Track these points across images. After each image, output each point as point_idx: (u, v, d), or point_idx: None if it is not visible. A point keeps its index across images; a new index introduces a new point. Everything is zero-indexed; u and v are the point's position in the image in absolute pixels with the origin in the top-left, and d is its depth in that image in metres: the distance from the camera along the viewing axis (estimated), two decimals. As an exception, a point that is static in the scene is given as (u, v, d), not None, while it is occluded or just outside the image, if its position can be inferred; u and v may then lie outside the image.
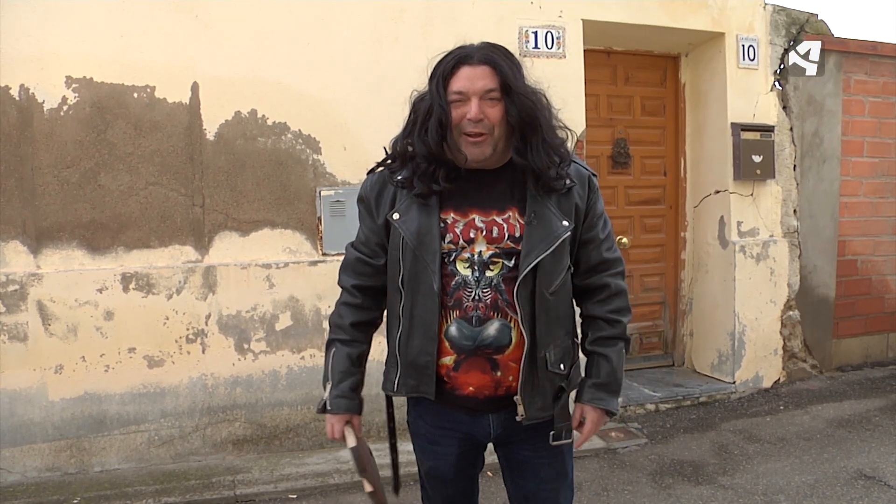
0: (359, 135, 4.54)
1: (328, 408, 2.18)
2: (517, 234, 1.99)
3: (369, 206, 2.12)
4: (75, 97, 4.09)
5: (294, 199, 4.46)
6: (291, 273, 4.43)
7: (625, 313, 2.16)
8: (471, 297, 1.99)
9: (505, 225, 1.99)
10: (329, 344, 2.23)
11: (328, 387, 2.19)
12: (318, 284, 4.47)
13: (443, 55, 2.04)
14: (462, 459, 2.27)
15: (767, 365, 5.76)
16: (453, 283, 2.00)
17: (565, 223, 2.00)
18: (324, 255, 4.51)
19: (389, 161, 2.10)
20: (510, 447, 2.23)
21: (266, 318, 4.40)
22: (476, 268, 1.98)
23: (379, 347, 2.24)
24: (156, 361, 4.24)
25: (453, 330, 2.01)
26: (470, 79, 1.95)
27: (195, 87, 4.26)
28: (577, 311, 2.25)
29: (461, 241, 1.99)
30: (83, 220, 4.13)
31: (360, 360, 2.22)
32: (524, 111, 1.99)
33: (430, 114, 1.97)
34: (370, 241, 2.14)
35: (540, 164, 1.97)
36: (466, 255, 1.98)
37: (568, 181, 2.03)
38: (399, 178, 2.05)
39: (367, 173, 2.16)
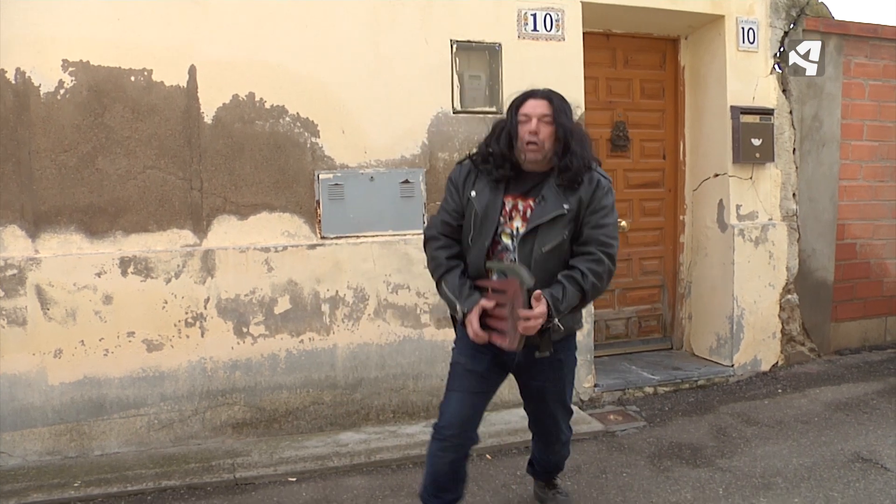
0: (357, 118, 4.53)
1: (465, 312, 2.82)
2: None
3: (458, 186, 2.98)
4: (72, 81, 4.07)
5: (292, 182, 4.45)
6: (290, 257, 4.43)
7: (595, 272, 2.78)
8: (508, 259, 2.88)
9: (530, 209, 2.86)
10: (438, 283, 2.97)
11: (458, 304, 2.85)
12: (316, 268, 4.47)
13: (518, 93, 2.98)
14: (490, 367, 3.00)
15: (766, 348, 5.77)
16: (499, 247, 2.88)
17: (565, 206, 2.80)
18: (322, 238, 4.51)
19: (475, 157, 2.99)
20: (526, 376, 3.10)
21: (265, 302, 4.40)
22: (514, 239, 2.86)
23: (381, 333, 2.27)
24: (155, 345, 4.24)
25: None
26: (533, 106, 2.87)
27: (192, 71, 4.25)
28: None
29: (507, 218, 2.88)
30: (81, 204, 4.12)
31: (465, 273, 2.93)
32: (566, 132, 2.85)
33: (504, 128, 2.92)
34: (451, 205, 2.98)
35: (569, 164, 2.82)
36: (508, 230, 2.87)
37: (580, 181, 2.82)
38: (481, 167, 2.95)
39: (457, 164, 3.07)
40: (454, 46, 4.69)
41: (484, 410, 3.04)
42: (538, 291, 2.69)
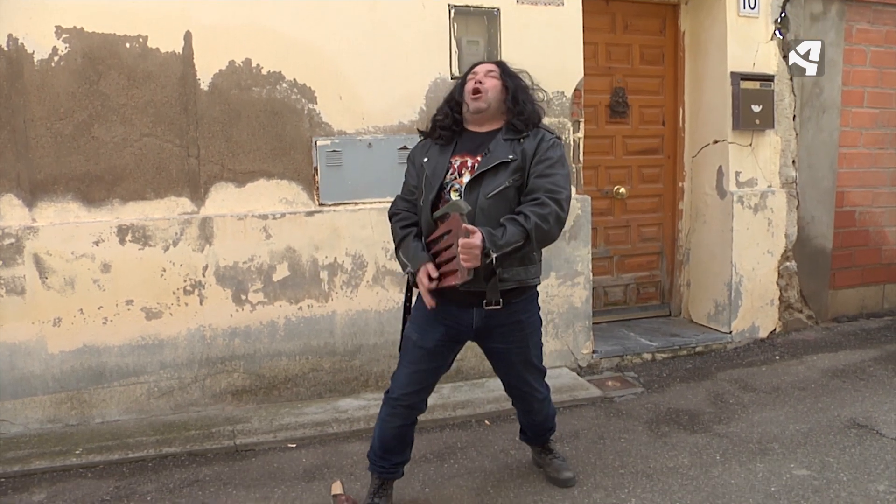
0: (355, 84, 4.50)
1: (414, 271, 2.95)
2: None
3: (414, 161, 3.17)
4: (66, 47, 4.02)
5: (290, 149, 4.43)
6: (288, 224, 4.42)
7: (538, 214, 2.79)
8: None
9: (477, 164, 2.97)
10: (396, 251, 3.12)
11: (409, 265, 2.98)
12: (314, 235, 4.46)
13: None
14: (440, 343, 3.06)
15: (764, 315, 5.78)
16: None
17: (510, 156, 2.92)
18: (320, 205, 4.49)
19: (430, 129, 3.17)
20: (488, 340, 3.13)
21: (263, 269, 4.40)
22: (462, 194, 2.92)
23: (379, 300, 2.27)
24: (154, 313, 4.25)
25: None
26: (481, 66, 3.13)
27: (188, 37, 4.20)
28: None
29: (456, 174, 2.99)
30: (78, 172, 4.10)
31: (418, 237, 3.05)
32: (516, 86, 3.08)
33: (452, 91, 3.17)
34: (409, 183, 3.17)
35: (522, 110, 3.02)
36: (458, 185, 2.96)
37: (525, 134, 2.98)
38: (436, 133, 3.12)
39: (419, 142, 3.24)
40: (452, 11, 4.64)
41: (434, 382, 3.16)
42: (474, 227, 2.72)
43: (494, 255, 2.71)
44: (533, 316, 3.18)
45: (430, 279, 2.87)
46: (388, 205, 3.26)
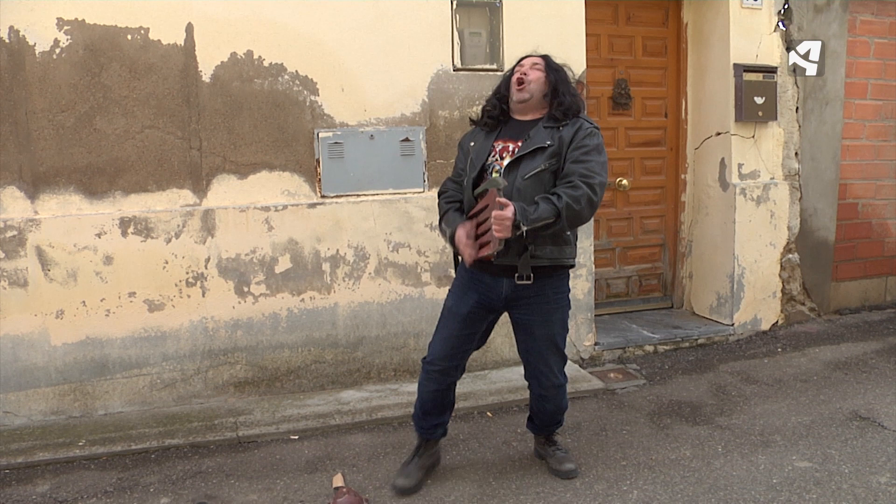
0: (357, 76, 4.49)
1: (452, 231, 3.19)
2: None
3: (463, 146, 3.41)
4: (67, 39, 4.02)
5: (292, 141, 4.42)
6: (290, 216, 4.42)
7: (571, 196, 2.96)
8: None
9: (518, 148, 3.18)
10: (440, 224, 3.37)
11: (449, 229, 3.23)
12: (317, 227, 4.46)
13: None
14: (473, 309, 3.28)
15: (766, 307, 5.78)
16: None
17: (547, 142, 3.11)
18: (322, 197, 4.49)
19: (479, 117, 3.41)
20: (514, 310, 3.29)
21: (265, 261, 4.40)
22: (500, 175, 3.13)
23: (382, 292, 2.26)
24: (156, 305, 4.25)
25: None
26: (528, 59, 3.32)
27: (190, 28, 4.19)
28: None
29: (497, 157, 3.22)
30: (80, 164, 4.10)
31: (460, 210, 3.31)
32: (556, 78, 3.24)
33: (502, 81, 3.38)
34: (458, 166, 3.42)
35: (562, 101, 3.18)
36: (498, 167, 3.17)
37: (564, 123, 3.15)
38: (483, 121, 3.38)
39: (469, 130, 3.49)
40: (454, 3, 4.63)
41: (468, 348, 3.38)
42: (507, 200, 2.90)
43: (525, 228, 2.89)
44: (560, 293, 3.29)
45: (467, 237, 3.11)
46: (391, 197, 3.33)
